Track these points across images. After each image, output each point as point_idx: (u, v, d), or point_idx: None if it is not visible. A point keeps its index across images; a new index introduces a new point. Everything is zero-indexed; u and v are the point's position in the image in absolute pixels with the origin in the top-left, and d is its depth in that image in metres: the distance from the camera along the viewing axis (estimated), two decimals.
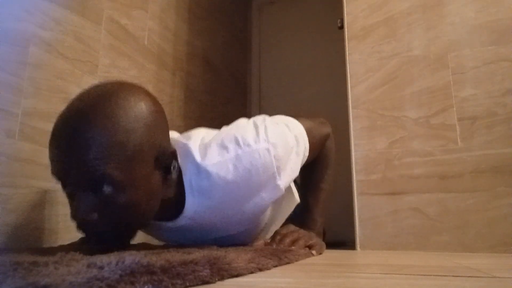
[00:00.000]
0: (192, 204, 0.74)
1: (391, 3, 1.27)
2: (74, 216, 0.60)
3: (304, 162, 0.87)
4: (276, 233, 0.88)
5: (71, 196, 0.62)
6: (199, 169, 0.73)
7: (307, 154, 0.86)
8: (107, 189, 0.59)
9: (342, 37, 1.32)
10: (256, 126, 0.78)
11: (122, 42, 1.24)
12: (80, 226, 0.62)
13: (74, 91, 1.08)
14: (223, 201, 0.75)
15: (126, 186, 0.59)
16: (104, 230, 0.62)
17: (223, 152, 0.73)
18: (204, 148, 0.75)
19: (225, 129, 0.81)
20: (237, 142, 0.74)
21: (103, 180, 0.58)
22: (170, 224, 0.78)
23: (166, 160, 0.67)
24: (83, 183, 0.58)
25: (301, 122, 0.87)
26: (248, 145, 0.74)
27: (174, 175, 0.70)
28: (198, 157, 0.73)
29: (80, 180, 0.58)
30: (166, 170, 0.68)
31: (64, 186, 0.62)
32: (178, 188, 0.73)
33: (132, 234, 0.68)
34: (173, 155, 0.69)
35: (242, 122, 0.82)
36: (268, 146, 0.74)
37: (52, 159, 0.60)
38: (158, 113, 0.66)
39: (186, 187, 0.73)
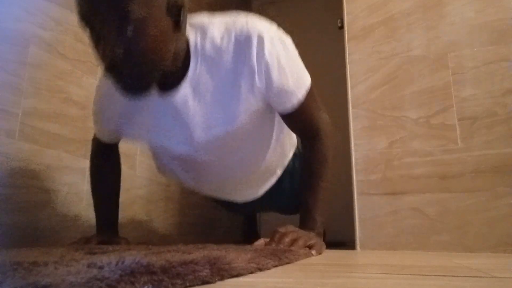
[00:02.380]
0: (194, 66, 0.81)
1: (391, 3, 1.28)
2: (103, 55, 0.68)
3: (300, 95, 0.89)
4: (275, 232, 0.87)
5: (97, 38, 0.69)
6: (205, 35, 0.81)
7: (305, 89, 0.91)
8: (130, 28, 0.67)
9: (342, 37, 1.33)
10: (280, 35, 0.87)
11: None
12: (108, 66, 0.70)
13: (74, 91, 1.08)
14: (221, 69, 0.81)
15: (146, 25, 0.68)
16: (129, 69, 0.70)
17: (231, 23, 0.82)
18: (213, 19, 0.84)
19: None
20: (246, 21, 0.82)
21: (127, 19, 0.66)
22: (170, 95, 0.82)
23: (176, 5, 0.74)
24: (110, 21, 0.67)
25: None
26: (255, 26, 0.81)
27: (183, 22, 0.76)
28: (206, 25, 0.82)
29: (107, 18, 0.66)
30: (176, 18, 0.74)
31: (92, 29, 0.69)
32: (184, 54, 0.80)
33: (151, 81, 0.74)
34: (182, 2, 0.75)
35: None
36: (279, 35, 0.84)
37: (79, 4, 0.68)
38: None
39: (192, 49, 0.81)
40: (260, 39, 0.80)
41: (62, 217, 1.01)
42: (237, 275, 0.44)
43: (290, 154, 1.13)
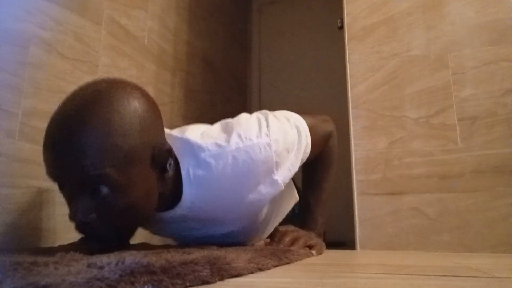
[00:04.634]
0: (189, 195, 0.74)
1: (391, 3, 1.27)
2: (72, 217, 0.60)
3: (305, 159, 0.87)
4: (275, 231, 0.88)
5: (69, 198, 0.62)
6: (198, 160, 0.72)
7: (308, 150, 0.86)
8: (104, 190, 0.59)
9: (342, 37, 1.32)
10: (258, 121, 0.78)
11: (122, 42, 1.24)
12: (79, 227, 0.62)
13: None
14: (221, 193, 0.75)
15: (122, 187, 0.60)
16: (103, 231, 0.62)
17: (224, 144, 0.73)
18: (204, 139, 0.74)
19: (226, 121, 0.81)
20: (239, 136, 0.74)
21: (99, 182, 0.58)
22: (167, 214, 0.77)
23: (162, 158, 0.67)
24: (80, 186, 0.59)
25: (304, 119, 0.87)
26: (250, 139, 0.74)
27: (170, 172, 0.70)
28: (197, 148, 0.73)
29: (76, 183, 0.59)
30: (162, 169, 0.68)
31: (61, 188, 0.62)
32: (176, 180, 0.73)
33: (131, 233, 0.68)
34: (169, 152, 0.69)
35: (244, 116, 0.82)
36: (270, 141, 0.75)
37: (47, 162, 0.60)
38: (152, 112, 0.66)
39: (184, 177, 0.73)
40: (264, 152, 0.74)
41: (62, 217, 1.01)
42: (237, 275, 0.44)
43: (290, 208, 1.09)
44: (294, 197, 1.03)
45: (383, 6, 1.28)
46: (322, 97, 2.32)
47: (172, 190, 0.73)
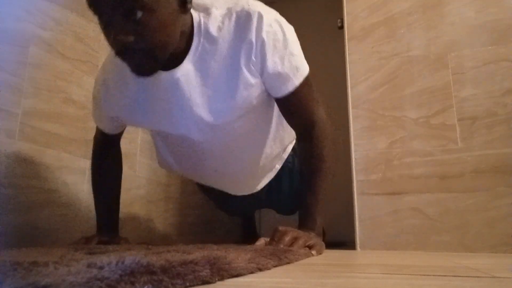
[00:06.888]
0: (197, 44, 0.83)
1: (391, 3, 1.28)
2: (113, 41, 0.71)
3: (296, 82, 0.89)
4: (275, 231, 0.87)
5: (107, 25, 0.71)
6: (209, 14, 0.83)
7: (302, 75, 0.90)
8: (139, 13, 0.69)
9: (342, 37, 1.32)
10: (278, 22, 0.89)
11: None
12: (119, 51, 0.73)
13: (74, 91, 1.08)
14: (221, 45, 0.83)
15: (154, 9, 0.71)
16: (139, 52, 0.72)
17: (232, 5, 0.84)
18: (215, 1, 0.85)
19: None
20: (247, 2, 0.84)
21: (135, 4, 0.69)
22: (173, 72, 0.83)
23: None
24: (119, 8, 0.69)
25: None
26: (256, 6, 0.84)
27: (189, 3, 0.78)
28: (209, 6, 0.84)
29: (115, 4, 0.69)
30: (183, 3, 0.77)
31: (101, 16, 0.72)
32: (188, 35, 0.82)
33: (160, 60, 0.76)
34: None
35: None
36: (278, 18, 0.88)
37: None
38: None
39: (195, 28, 0.83)
40: (260, 18, 0.83)
41: (62, 217, 1.01)
42: (237, 275, 0.44)
43: (289, 149, 1.13)
44: (292, 136, 1.09)
45: (383, 6, 1.28)
46: (322, 97, 2.32)
47: (184, 39, 0.82)
